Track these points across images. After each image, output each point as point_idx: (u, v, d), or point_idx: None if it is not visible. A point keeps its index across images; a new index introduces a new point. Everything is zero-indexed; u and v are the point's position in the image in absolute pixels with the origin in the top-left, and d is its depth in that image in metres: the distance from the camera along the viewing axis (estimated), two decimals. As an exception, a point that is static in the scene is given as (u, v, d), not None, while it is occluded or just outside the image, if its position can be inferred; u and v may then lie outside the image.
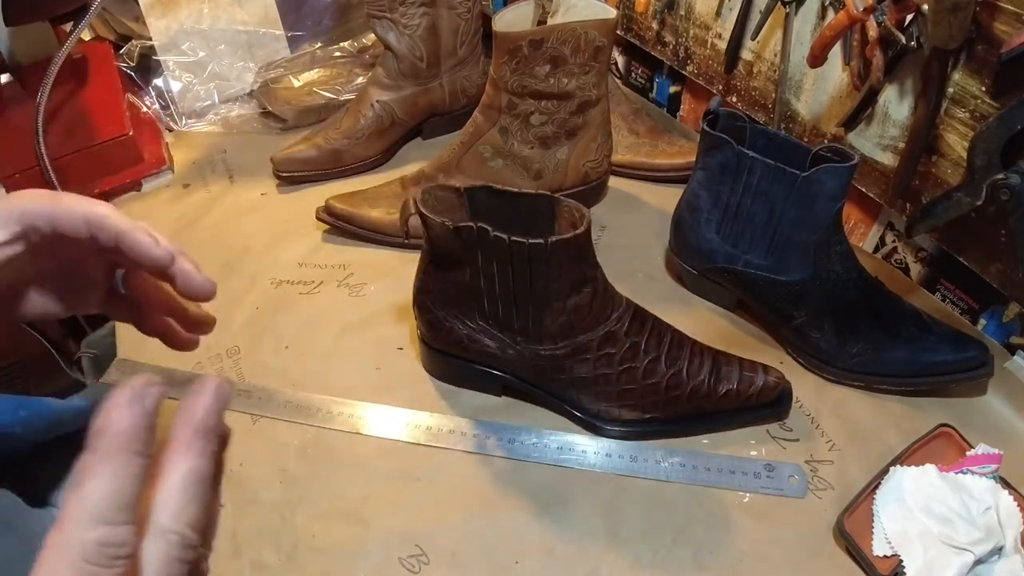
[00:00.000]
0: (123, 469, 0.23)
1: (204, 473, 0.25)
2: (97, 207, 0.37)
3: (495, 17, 0.69)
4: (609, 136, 0.79)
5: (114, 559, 0.22)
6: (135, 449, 0.23)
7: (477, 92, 0.91)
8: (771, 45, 0.76)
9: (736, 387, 0.57)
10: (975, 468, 0.52)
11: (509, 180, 0.77)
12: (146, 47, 1.01)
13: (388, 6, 0.84)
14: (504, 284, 0.54)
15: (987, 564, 0.49)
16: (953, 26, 0.53)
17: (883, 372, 0.61)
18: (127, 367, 0.67)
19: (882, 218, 0.74)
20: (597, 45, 0.69)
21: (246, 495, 0.56)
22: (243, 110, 1.03)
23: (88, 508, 0.22)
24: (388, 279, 0.76)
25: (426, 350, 0.64)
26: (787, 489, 0.55)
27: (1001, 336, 0.65)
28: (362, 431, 0.61)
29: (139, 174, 0.91)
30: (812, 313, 0.62)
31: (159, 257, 0.38)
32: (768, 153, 0.59)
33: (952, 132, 0.60)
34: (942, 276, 0.69)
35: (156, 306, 0.46)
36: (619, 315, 0.56)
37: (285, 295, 0.75)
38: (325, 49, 1.07)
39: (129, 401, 0.24)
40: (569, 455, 0.58)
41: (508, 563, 0.52)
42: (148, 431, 0.24)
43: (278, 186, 0.91)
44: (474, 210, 0.55)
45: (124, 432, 0.23)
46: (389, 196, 0.80)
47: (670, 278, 0.75)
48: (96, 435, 0.23)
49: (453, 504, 0.55)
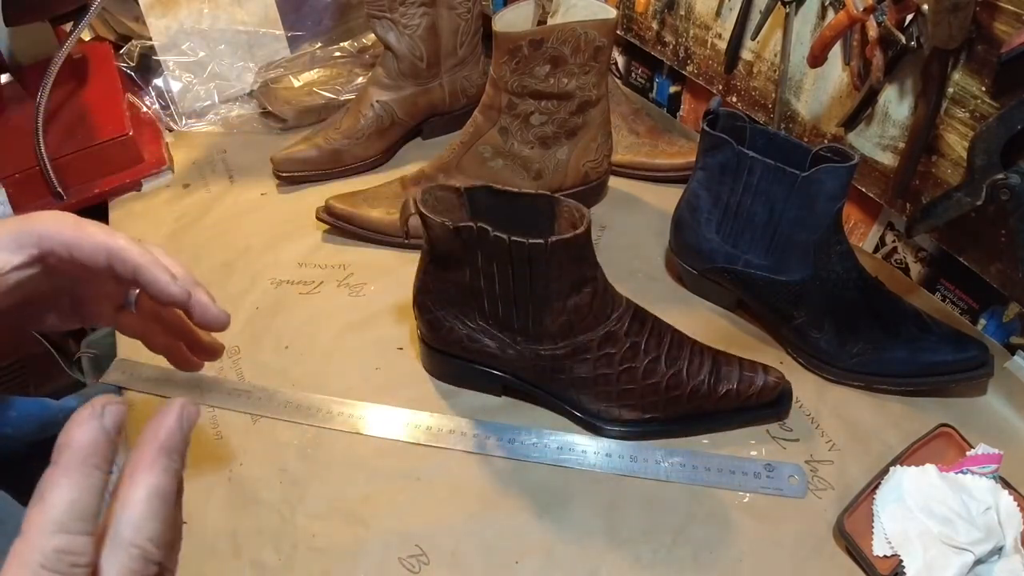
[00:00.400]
0: (83, 481, 0.24)
1: (166, 490, 0.26)
2: (117, 239, 0.38)
3: (495, 17, 0.69)
4: (609, 136, 0.79)
5: (72, 567, 0.23)
6: (93, 463, 0.25)
7: (477, 92, 0.91)
8: (771, 45, 0.76)
9: (736, 387, 0.57)
10: (975, 468, 0.52)
11: (509, 180, 0.77)
12: (146, 47, 1.01)
13: (388, 6, 0.84)
14: (504, 284, 0.54)
15: (987, 564, 0.49)
16: (953, 26, 0.53)
17: (883, 372, 0.61)
18: (127, 367, 0.67)
19: (882, 218, 0.74)
20: (597, 45, 0.69)
21: (246, 495, 0.56)
22: (243, 110, 1.03)
23: (49, 517, 0.24)
24: (388, 279, 0.76)
25: (426, 350, 0.64)
26: (787, 489, 0.55)
27: (1001, 336, 0.65)
28: (362, 431, 0.61)
29: (139, 174, 0.91)
30: (812, 313, 0.62)
31: (176, 295, 0.39)
32: (768, 153, 0.59)
33: (952, 132, 0.60)
34: (942, 276, 0.69)
35: (166, 327, 0.47)
36: (619, 315, 0.56)
37: (285, 295, 0.75)
38: (325, 49, 1.07)
39: (88, 418, 0.25)
40: (569, 455, 0.58)
41: (508, 563, 0.52)
42: (107, 446, 0.25)
43: (278, 186, 0.91)
44: (474, 210, 0.55)
45: (84, 448, 0.25)
46: (389, 196, 0.80)
47: (670, 278, 0.75)
48: (58, 450, 0.25)
49: (453, 504, 0.55)
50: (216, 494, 0.56)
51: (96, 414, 0.25)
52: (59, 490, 0.24)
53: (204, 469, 0.58)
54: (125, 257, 0.38)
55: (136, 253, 0.39)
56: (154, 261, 0.39)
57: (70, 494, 0.24)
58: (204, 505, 0.55)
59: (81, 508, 0.24)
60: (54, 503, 0.24)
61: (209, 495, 0.56)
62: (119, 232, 0.39)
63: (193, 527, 0.54)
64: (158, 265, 0.39)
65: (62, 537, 0.24)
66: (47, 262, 0.39)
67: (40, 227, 0.38)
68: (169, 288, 0.39)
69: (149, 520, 0.26)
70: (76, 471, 0.25)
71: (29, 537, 0.24)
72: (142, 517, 0.26)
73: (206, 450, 0.59)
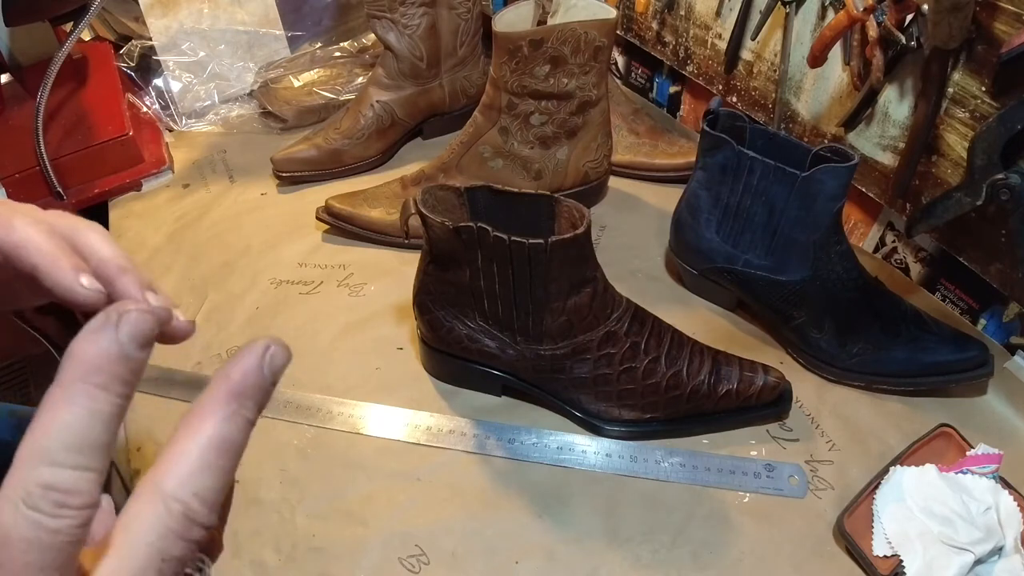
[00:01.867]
0: (84, 403, 0.19)
1: (228, 440, 0.21)
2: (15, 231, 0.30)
3: (495, 17, 0.69)
4: (609, 136, 0.79)
5: (59, 507, 0.19)
6: (98, 381, 0.20)
7: (477, 92, 0.91)
8: (771, 45, 0.76)
9: (736, 387, 0.57)
10: (975, 468, 0.52)
11: (509, 180, 0.77)
12: (146, 47, 1.01)
13: (388, 6, 0.84)
14: (504, 284, 0.54)
15: (987, 564, 0.49)
16: (953, 26, 0.53)
17: (883, 372, 0.61)
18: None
19: (882, 218, 0.74)
20: (597, 45, 0.69)
21: (246, 495, 0.56)
22: (243, 110, 1.04)
23: (35, 446, 0.19)
24: (388, 279, 0.76)
25: (426, 350, 0.64)
26: (787, 489, 0.55)
27: (1001, 336, 0.65)
28: (362, 431, 0.61)
29: (139, 174, 0.91)
30: (812, 313, 0.62)
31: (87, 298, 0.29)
32: (768, 153, 0.59)
33: (952, 132, 0.60)
34: (942, 276, 0.69)
35: None
36: (619, 315, 0.56)
37: (285, 295, 0.75)
38: (325, 49, 1.08)
39: (100, 327, 0.20)
40: (569, 455, 0.58)
41: (508, 563, 0.52)
42: (120, 363, 0.20)
43: (278, 186, 0.91)
44: (474, 210, 0.55)
45: (87, 362, 0.20)
46: (389, 196, 0.80)
47: (670, 278, 0.75)
48: (62, 365, 0.20)
49: (453, 504, 0.55)
50: (216, 494, 0.56)
51: (110, 323, 0.20)
52: (52, 413, 0.19)
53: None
54: (21, 255, 0.29)
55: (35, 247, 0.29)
56: (56, 256, 0.29)
57: (64, 418, 0.19)
58: (204, 505, 0.55)
59: (77, 436, 0.19)
60: (42, 429, 0.19)
61: (209, 495, 0.56)
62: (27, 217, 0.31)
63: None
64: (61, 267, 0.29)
65: (48, 470, 0.19)
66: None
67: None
68: (75, 291, 0.28)
69: (200, 473, 0.20)
70: (76, 390, 0.20)
71: (15, 468, 0.19)
72: (192, 469, 0.20)
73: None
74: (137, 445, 0.60)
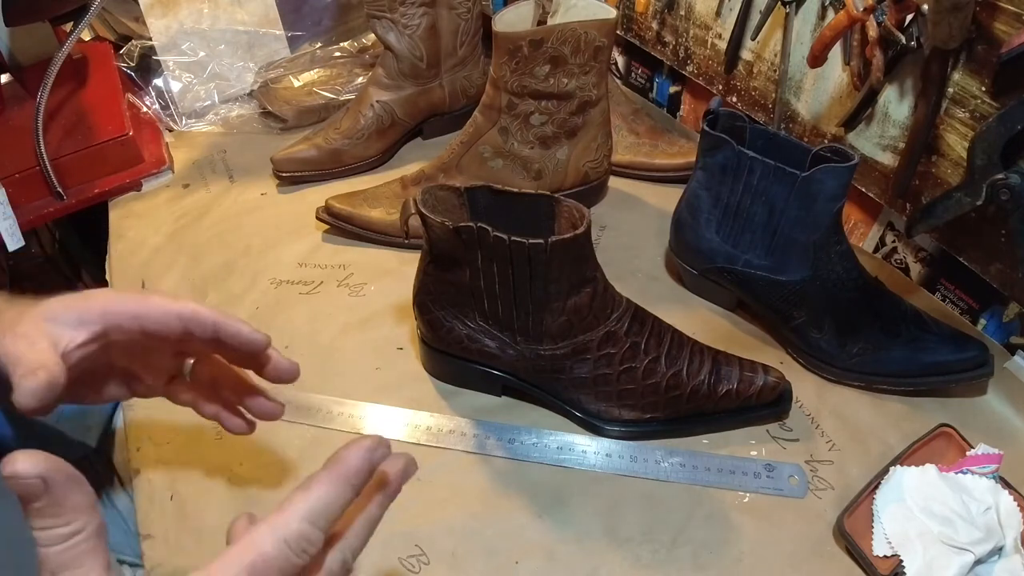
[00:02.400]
0: (340, 491, 0.31)
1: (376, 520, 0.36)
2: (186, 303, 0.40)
3: (495, 17, 0.69)
4: (609, 136, 0.79)
5: (302, 551, 0.30)
6: (353, 483, 0.32)
7: (477, 92, 0.91)
8: (771, 45, 0.76)
9: (736, 387, 0.57)
10: (975, 468, 0.52)
11: (509, 180, 0.77)
12: (146, 47, 1.01)
13: (388, 6, 0.84)
14: (504, 284, 0.54)
15: (987, 564, 0.49)
16: (953, 26, 0.53)
17: (883, 372, 0.61)
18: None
19: (882, 218, 0.74)
20: (597, 45, 0.69)
21: (246, 495, 0.56)
22: (243, 110, 1.03)
23: (307, 506, 0.30)
24: (388, 279, 0.76)
25: (426, 350, 0.64)
26: (787, 489, 0.55)
27: (1001, 336, 0.65)
28: (362, 431, 0.61)
29: (139, 174, 0.91)
30: (812, 313, 0.62)
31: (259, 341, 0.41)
32: (768, 153, 0.59)
33: (952, 132, 0.60)
34: (942, 276, 0.69)
35: (224, 387, 0.47)
36: (619, 315, 0.56)
37: (285, 295, 0.75)
38: (325, 49, 1.08)
39: (367, 448, 0.33)
40: (569, 455, 0.58)
41: (508, 563, 0.52)
42: (367, 475, 0.33)
43: (278, 186, 0.91)
44: (474, 210, 0.55)
45: (353, 468, 0.32)
46: (389, 196, 0.80)
47: (670, 278, 0.75)
48: (334, 460, 0.32)
49: (453, 504, 0.55)
50: (216, 494, 0.56)
51: (372, 448, 0.33)
52: (323, 489, 0.31)
53: (204, 469, 0.58)
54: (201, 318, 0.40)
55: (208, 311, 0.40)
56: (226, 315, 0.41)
57: (328, 496, 0.31)
58: (204, 505, 0.55)
59: (330, 511, 0.31)
60: (316, 497, 0.31)
61: (209, 495, 0.56)
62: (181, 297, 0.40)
63: (193, 527, 0.54)
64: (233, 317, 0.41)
65: (309, 526, 0.30)
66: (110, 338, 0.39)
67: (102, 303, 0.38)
68: (253, 336, 0.41)
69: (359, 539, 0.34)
70: (340, 482, 0.31)
71: (286, 515, 0.30)
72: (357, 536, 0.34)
73: (206, 450, 0.59)
74: (137, 445, 0.60)
